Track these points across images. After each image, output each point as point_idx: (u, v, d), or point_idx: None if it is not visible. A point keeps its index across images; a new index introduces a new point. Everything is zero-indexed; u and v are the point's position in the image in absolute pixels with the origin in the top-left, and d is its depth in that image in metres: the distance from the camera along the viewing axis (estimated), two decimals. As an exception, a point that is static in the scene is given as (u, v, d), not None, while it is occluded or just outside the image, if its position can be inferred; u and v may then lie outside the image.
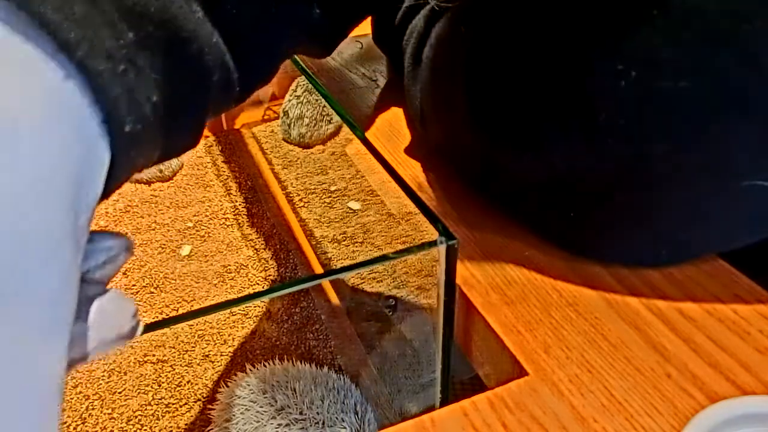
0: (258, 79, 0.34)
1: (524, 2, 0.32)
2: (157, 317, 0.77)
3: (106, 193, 0.20)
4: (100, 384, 0.69)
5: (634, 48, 0.28)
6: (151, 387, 0.68)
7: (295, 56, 0.52)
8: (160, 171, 0.99)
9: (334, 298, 0.79)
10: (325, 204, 0.95)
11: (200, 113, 0.27)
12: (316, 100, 0.93)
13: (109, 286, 0.20)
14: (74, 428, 0.64)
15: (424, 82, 0.40)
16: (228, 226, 0.93)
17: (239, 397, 0.61)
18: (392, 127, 0.52)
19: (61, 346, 0.16)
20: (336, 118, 0.74)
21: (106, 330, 0.19)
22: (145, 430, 0.64)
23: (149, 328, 0.29)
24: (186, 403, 0.67)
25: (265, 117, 1.16)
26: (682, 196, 0.31)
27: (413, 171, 0.46)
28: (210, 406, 0.64)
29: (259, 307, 0.78)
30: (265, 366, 0.65)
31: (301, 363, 0.65)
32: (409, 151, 0.49)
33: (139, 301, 0.79)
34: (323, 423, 0.57)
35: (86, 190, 0.18)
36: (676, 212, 0.32)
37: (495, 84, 0.33)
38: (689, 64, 0.27)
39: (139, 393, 0.68)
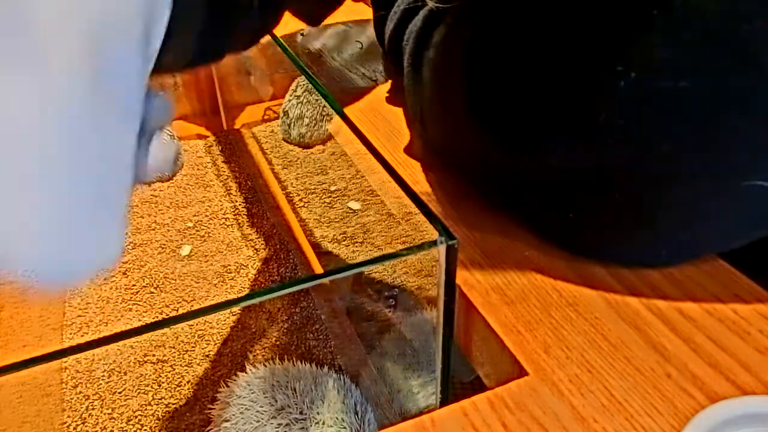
0: (268, 21, 0.36)
1: (522, 3, 0.32)
2: (157, 317, 0.77)
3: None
4: (100, 384, 0.69)
5: (634, 48, 0.28)
6: (151, 387, 0.68)
7: (295, 56, 0.52)
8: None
9: (334, 298, 0.79)
10: (325, 204, 0.95)
11: (234, 17, 0.30)
12: (316, 100, 0.93)
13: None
14: (74, 428, 0.64)
15: (424, 82, 0.41)
16: (228, 226, 0.92)
17: (239, 397, 0.61)
18: (392, 127, 0.52)
19: (133, 134, 0.19)
20: (336, 118, 0.74)
21: (160, 155, 0.23)
22: (145, 430, 0.64)
23: (149, 328, 0.29)
24: (186, 403, 0.67)
25: (265, 117, 1.16)
26: (682, 196, 0.31)
27: (413, 171, 0.46)
28: (210, 406, 0.64)
29: (259, 307, 0.78)
30: (265, 366, 0.65)
31: (301, 363, 0.65)
32: (409, 151, 0.49)
33: (139, 301, 0.79)
34: (323, 423, 0.57)
35: (150, 35, 0.20)
36: (675, 212, 0.32)
37: (493, 85, 0.33)
38: (689, 64, 0.27)
39: (139, 393, 0.68)
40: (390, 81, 0.59)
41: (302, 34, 0.69)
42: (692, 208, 0.31)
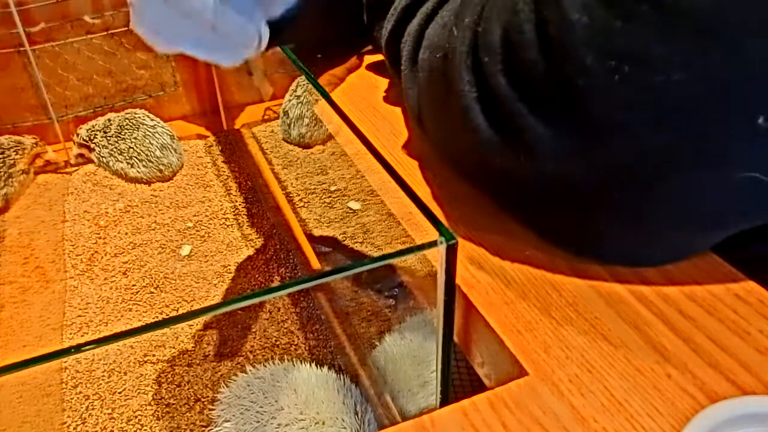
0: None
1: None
2: (157, 317, 0.77)
3: None
4: (100, 384, 0.69)
5: (626, 44, 0.28)
6: (151, 387, 0.68)
7: (295, 56, 0.52)
8: (160, 171, 0.99)
9: (334, 298, 0.79)
10: (325, 204, 0.95)
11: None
12: (317, 100, 0.93)
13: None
14: (74, 428, 0.64)
15: (420, 83, 0.41)
16: (228, 226, 0.93)
17: (239, 397, 0.61)
18: (392, 127, 0.52)
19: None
20: (336, 117, 0.74)
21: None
22: (145, 430, 0.64)
23: (149, 328, 0.29)
24: (186, 403, 0.67)
25: (265, 117, 1.16)
26: (677, 190, 0.31)
27: (413, 171, 0.46)
28: (210, 406, 0.64)
29: (259, 307, 0.78)
30: (265, 366, 0.65)
31: (301, 363, 0.65)
32: (408, 150, 0.49)
33: (139, 301, 0.79)
34: (323, 423, 0.57)
35: None
36: (671, 208, 0.32)
37: (487, 84, 0.33)
38: (680, 58, 0.27)
39: (139, 393, 0.68)
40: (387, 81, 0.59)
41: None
42: (687, 203, 0.32)
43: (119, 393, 0.68)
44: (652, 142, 0.29)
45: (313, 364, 0.64)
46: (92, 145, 0.99)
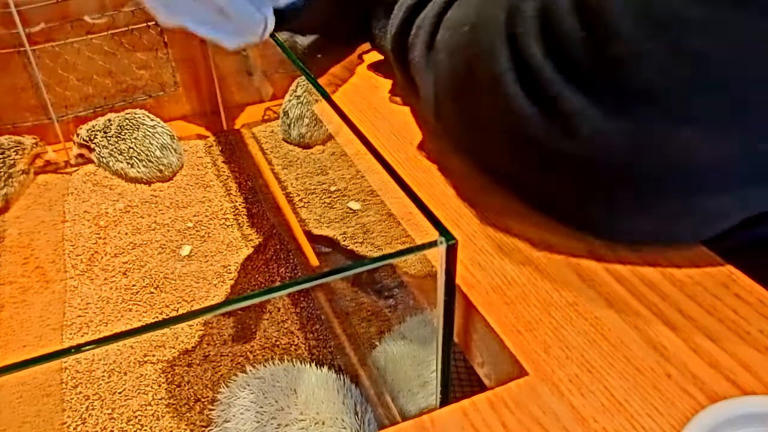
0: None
1: None
2: (157, 317, 0.77)
3: None
4: (100, 384, 0.69)
5: (663, 9, 0.28)
6: (151, 387, 0.68)
7: (295, 56, 0.52)
8: (160, 171, 0.99)
9: (334, 298, 0.79)
10: (325, 204, 0.95)
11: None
12: (317, 100, 0.93)
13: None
14: (74, 428, 0.64)
15: (440, 65, 0.40)
16: (228, 226, 0.93)
17: (239, 398, 0.61)
18: (392, 127, 0.52)
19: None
20: (336, 118, 0.73)
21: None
22: (145, 430, 0.64)
23: (149, 328, 0.29)
24: (186, 403, 0.67)
25: (265, 117, 1.16)
26: (708, 161, 0.31)
27: (413, 171, 0.46)
28: (210, 407, 0.64)
29: (259, 307, 0.78)
30: (265, 366, 0.65)
31: (301, 363, 0.65)
32: (408, 149, 0.49)
33: (139, 301, 0.79)
34: (323, 423, 0.57)
35: None
36: (699, 178, 0.32)
37: (522, 55, 0.33)
38: (717, 22, 0.28)
39: (139, 393, 0.68)
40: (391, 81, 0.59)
41: (302, 34, 0.69)
42: (712, 173, 0.32)
43: (119, 393, 0.68)
44: (687, 109, 0.30)
45: (313, 364, 0.64)
46: (92, 145, 0.99)
